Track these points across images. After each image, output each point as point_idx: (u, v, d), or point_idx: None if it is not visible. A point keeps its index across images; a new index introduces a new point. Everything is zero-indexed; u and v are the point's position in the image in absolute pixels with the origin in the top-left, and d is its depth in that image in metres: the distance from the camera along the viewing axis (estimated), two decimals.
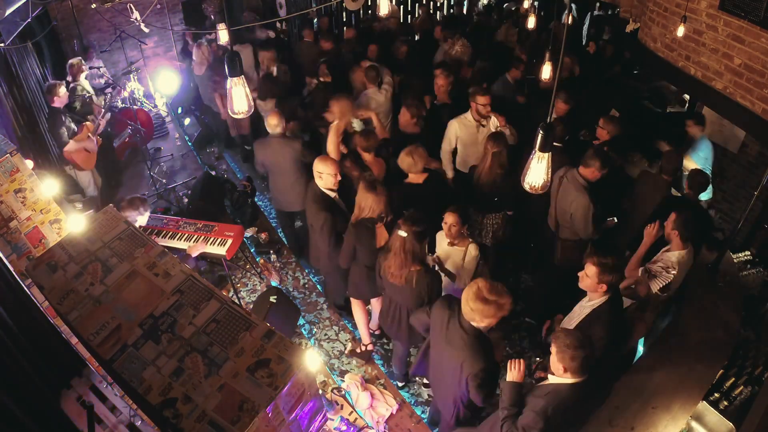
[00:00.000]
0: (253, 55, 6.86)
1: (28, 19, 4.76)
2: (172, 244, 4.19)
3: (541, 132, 2.07)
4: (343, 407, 3.77)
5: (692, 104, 6.72)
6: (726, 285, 4.37)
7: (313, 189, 3.91)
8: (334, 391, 3.91)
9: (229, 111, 2.35)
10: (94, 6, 6.31)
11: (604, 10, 9.03)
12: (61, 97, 5.08)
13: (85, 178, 5.57)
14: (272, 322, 4.00)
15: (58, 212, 3.36)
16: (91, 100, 5.96)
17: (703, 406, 3.32)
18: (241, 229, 4.34)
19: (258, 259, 5.27)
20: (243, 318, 2.25)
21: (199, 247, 4.11)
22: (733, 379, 3.49)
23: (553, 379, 2.59)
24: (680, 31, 4.75)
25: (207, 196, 5.59)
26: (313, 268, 5.23)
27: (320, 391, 3.67)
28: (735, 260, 4.72)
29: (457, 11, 9.82)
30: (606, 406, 3.29)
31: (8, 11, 4.31)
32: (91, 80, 6.53)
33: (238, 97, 2.29)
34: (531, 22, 6.34)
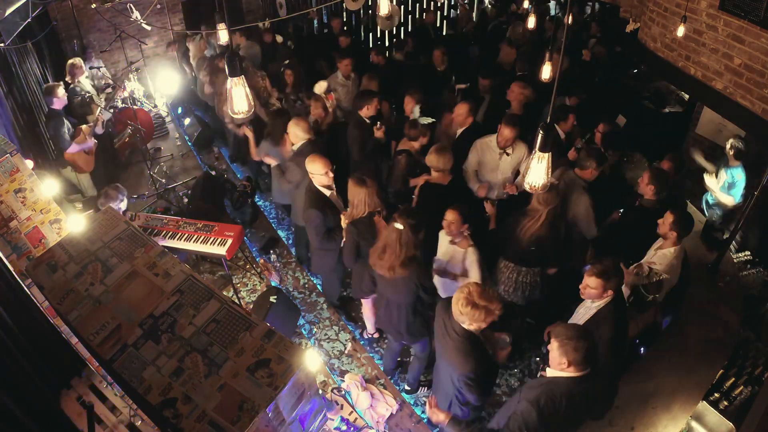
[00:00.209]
0: (261, 55, 6.99)
1: (28, 19, 4.75)
2: (172, 244, 4.19)
3: (541, 132, 2.06)
4: (343, 407, 3.77)
5: (692, 104, 6.70)
6: (726, 285, 4.37)
7: (308, 187, 3.94)
8: (334, 391, 3.91)
9: (229, 111, 2.34)
10: (94, 6, 6.31)
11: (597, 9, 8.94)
12: (60, 97, 5.07)
13: (86, 180, 5.59)
14: (272, 322, 4.00)
15: (58, 212, 3.36)
16: (92, 100, 5.96)
17: (703, 406, 3.33)
18: (241, 229, 4.34)
19: (258, 259, 5.26)
20: (243, 318, 2.25)
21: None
22: (733, 379, 3.50)
23: (551, 372, 2.60)
24: (680, 31, 4.75)
25: (207, 196, 5.58)
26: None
27: (320, 391, 3.67)
28: (735, 260, 4.73)
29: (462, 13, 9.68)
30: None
31: (8, 11, 4.30)
32: (91, 80, 6.53)
33: (238, 97, 2.28)
34: (531, 22, 6.33)
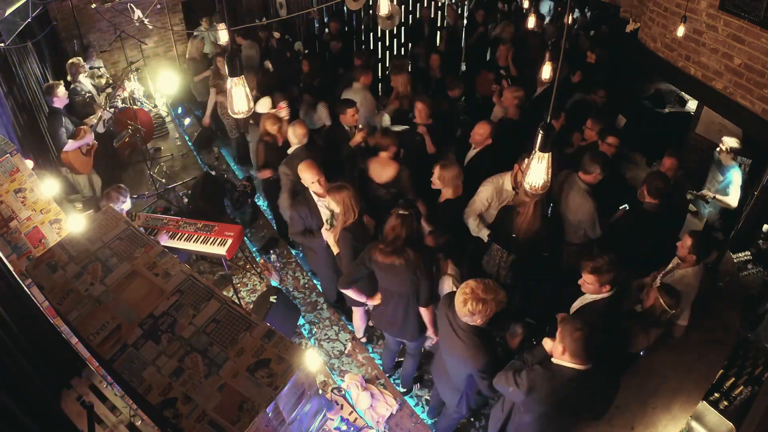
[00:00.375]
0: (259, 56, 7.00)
1: (28, 19, 4.74)
2: (172, 244, 4.19)
3: (541, 132, 2.05)
4: (343, 407, 3.77)
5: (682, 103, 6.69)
6: (726, 285, 4.37)
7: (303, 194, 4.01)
8: (334, 391, 3.91)
9: (229, 111, 2.35)
10: (94, 6, 6.32)
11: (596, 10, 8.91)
12: (60, 97, 5.07)
13: (82, 182, 5.58)
14: (272, 322, 4.00)
15: (58, 212, 3.36)
16: (92, 100, 5.96)
17: (703, 406, 3.32)
18: (241, 229, 4.34)
19: (258, 259, 5.26)
20: (243, 318, 2.25)
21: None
22: (733, 379, 3.50)
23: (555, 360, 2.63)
24: (680, 31, 4.75)
25: (207, 196, 5.59)
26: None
27: (320, 391, 3.67)
28: (735, 260, 4.72)
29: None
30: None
31: (8, 11, 4.30)
32: (91, 80, 6.53)
33: (238, 97, 2.28)
34: (531, 22, 6.33)
